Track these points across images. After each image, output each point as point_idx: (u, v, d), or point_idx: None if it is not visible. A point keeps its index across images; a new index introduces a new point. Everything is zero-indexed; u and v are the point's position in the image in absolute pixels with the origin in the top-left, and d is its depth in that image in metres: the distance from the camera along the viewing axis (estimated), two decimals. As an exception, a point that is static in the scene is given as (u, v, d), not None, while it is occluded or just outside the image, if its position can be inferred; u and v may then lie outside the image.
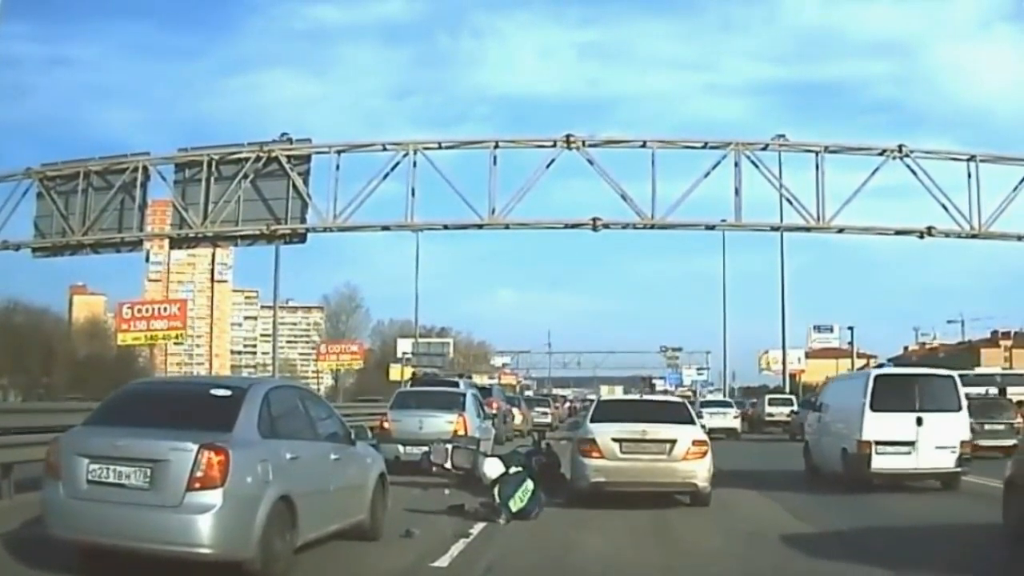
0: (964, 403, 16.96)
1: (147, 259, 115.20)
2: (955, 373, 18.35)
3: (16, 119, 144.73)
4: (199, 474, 7.72)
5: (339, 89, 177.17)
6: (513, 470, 14.31)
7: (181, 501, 7.69)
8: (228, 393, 8.76)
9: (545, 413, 51.89)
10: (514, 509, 13.23)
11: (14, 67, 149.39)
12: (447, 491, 15.29)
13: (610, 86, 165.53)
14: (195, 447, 7.78)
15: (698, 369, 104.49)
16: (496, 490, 13.52)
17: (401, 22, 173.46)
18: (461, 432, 18.37)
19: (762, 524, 13.18)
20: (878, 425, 17.01)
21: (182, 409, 8.64)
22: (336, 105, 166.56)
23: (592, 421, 15.66)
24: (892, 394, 17.35)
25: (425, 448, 16.68)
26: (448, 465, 15.61)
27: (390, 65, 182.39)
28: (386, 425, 20.37)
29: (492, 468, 14.55)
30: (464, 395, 21.05)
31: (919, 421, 16.92)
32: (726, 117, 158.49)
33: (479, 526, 12.44)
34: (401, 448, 19.44)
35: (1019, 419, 26.75)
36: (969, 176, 24.47)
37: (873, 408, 17.11)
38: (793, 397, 50.66)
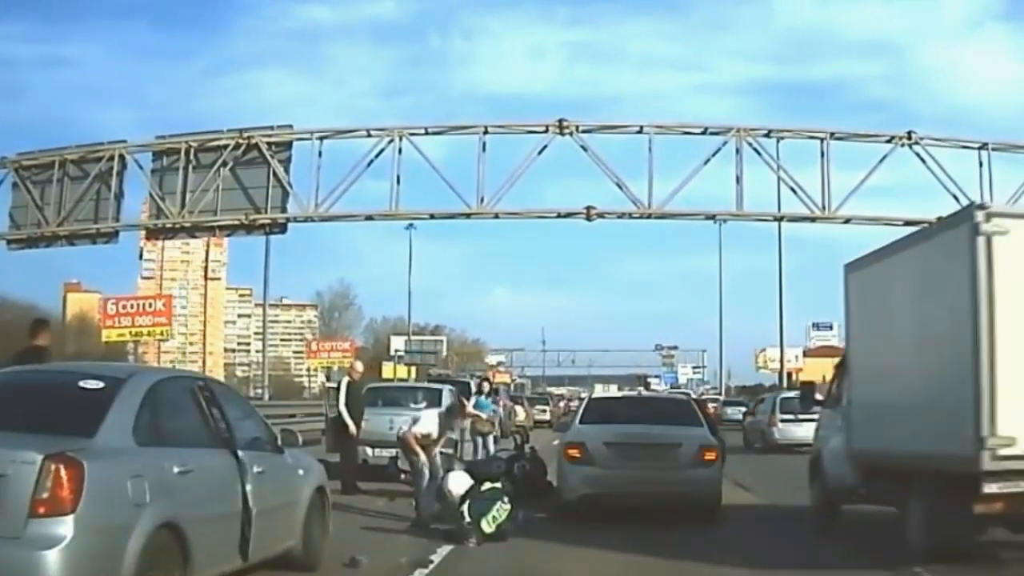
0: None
1: (140, 256, 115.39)
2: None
3: (6, 118, 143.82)
4: (44, 495, 5.74)
5: (331, 89, 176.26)
6: (487, 486, 11.97)
7: (23, 531, 5.71)
8: (99, 386, 6.82)
9: (544, 410, 53.26)
10: (487, 531, 11.25)
11: (5, 66, 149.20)
12: (415, 502, 13.57)
13: (601, 86, 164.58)
14: (39, 458, 5.79)
15: (694, 368, 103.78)
16: (465, 508, 11.45)
17: (392, 22, 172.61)
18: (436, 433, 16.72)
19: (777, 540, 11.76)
20: None
21: (39, 406, 6.78)
22: (328, 105, 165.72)
23: (582, 422, 13.86)
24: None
25: (394, 452, 15.13)
26: None
27: (382, 65, 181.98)
28: None
29: (457, 483, 12.15)
30: (440, 391, 19.34)
31: None
32: (719, 117, 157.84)
33: (443, 551, 10.52)
34: (369, 451, 17.65)
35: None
36: (980, 165, 23.78)
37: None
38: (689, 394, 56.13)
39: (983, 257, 8.69)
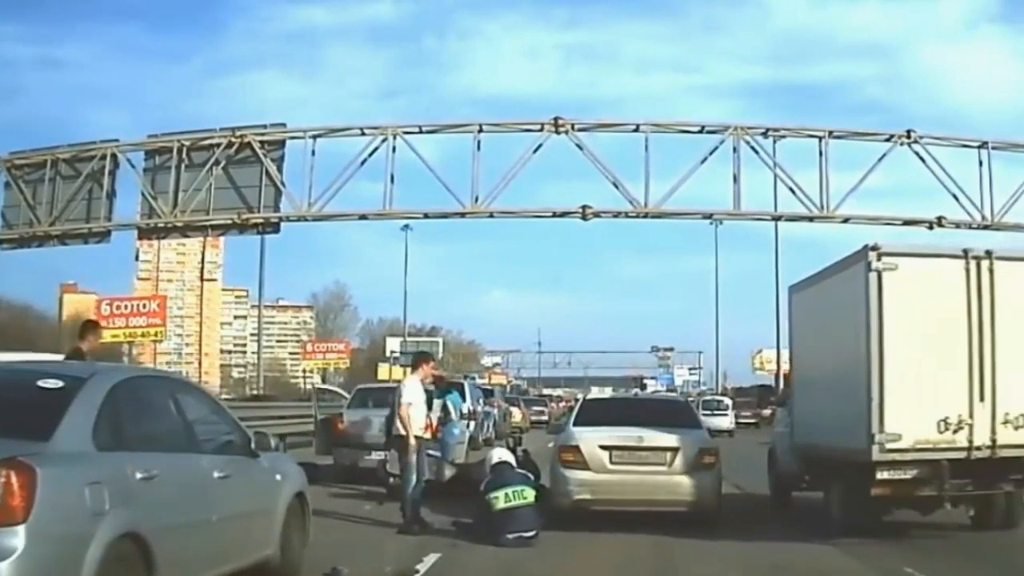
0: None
1: (136, 258, 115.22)
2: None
3: (2, 119, 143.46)
4: None
5: (327, 90, 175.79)
6: (520, 470, 12.25)
7: None
8: (58, 385, 6.33)
9: (541, 411, 54.11)
10: (496, 506, 11.20)
11: (1, 67, 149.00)
12: (402, 506, 13.04)
13: (597, 88, 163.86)
14: None
15: (690, 369, 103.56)
16: (489, 477, 11.67)
17: (388, 24, 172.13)
18: (427, 435, 16.19)
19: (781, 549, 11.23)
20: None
21: None
22: (324, 106, 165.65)
23: (576, 425, 13.27)
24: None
25: (383, 455, 14.73)
26: None
27: (377, 66, 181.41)
28: (341, 426, 18.22)
29: (500, 454, 12.57)
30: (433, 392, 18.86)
31: None
32: (716, 118, 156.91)
33: (430, 559, 9.97)
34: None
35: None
36: (980, 164, 23.54)
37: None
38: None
39: (874, 289, 10.73)
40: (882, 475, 10.66)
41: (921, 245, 12.34)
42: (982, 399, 10.69)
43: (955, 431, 10.63)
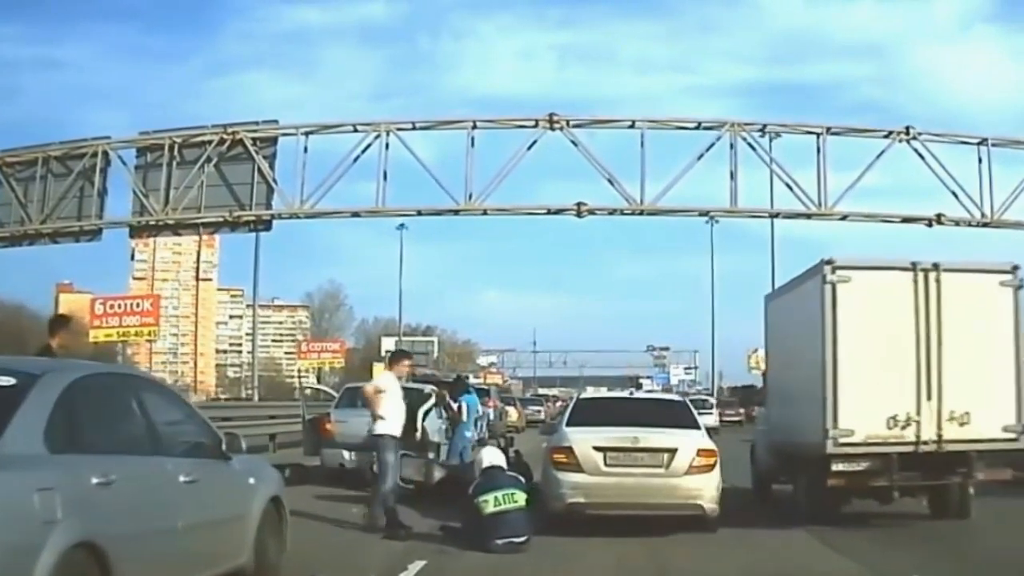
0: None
1: (132, 257, 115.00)
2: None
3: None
4: None
5: (321, 91, 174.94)
6: (511, 473, 11.81)
7: None
8: (9, 383, 5.77)
9: (538, 411, 54.72)
10: (486, 511, 10.75)
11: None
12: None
13: (593, 88, 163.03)
14: None
15: (686, 368, 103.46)
16: (478, 480, 11.22)
17: (382, 24, 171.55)
18: (417, 436, 15.52)
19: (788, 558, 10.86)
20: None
21: None
22: (318, 107, 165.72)
23: (568, 425, 12.79)
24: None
25: (373, 455, 14.42)
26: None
27: (372, 67, 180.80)
28: (329, 427, 17.65)
29: (490, 456, 12.01)
30: (422, 391, 18.35)
31: None
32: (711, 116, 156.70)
33: (415, 567, 9.46)
34: (346, 454, 16.74)
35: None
36: (980, 161, 23.41)
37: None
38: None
39: (829, 300, 11.81)
40: (837, 467, 11.66)
41: (873, 258, 12.93)
42: (929, 398, 11.63)
43: (903, 427, 11.61)
